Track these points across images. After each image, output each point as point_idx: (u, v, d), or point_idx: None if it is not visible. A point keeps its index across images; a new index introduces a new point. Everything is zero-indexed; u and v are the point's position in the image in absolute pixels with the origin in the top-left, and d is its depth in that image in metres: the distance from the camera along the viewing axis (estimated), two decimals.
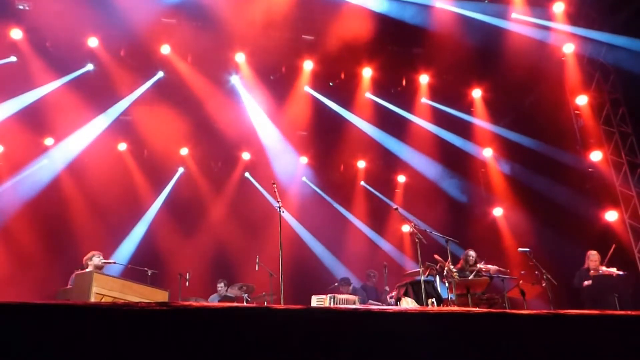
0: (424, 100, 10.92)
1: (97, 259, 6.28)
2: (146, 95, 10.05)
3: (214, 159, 11.42)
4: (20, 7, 8.74)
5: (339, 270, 10.86)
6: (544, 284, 6.63)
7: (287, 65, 10.25)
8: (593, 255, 7.25)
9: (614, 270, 7.02)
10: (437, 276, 6.69)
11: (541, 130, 9.86)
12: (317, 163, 11.81)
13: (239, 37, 9.44)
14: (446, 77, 10.53)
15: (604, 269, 7.10)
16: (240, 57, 9.93)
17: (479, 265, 7.01)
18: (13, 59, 9.16)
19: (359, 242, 11.49)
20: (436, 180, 11.27)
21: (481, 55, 9.52)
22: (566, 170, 9.42)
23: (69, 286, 6.15)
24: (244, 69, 10.14)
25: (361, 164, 12.08)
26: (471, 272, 6.93)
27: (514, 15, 9.14)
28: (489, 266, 7.00)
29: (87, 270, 6.07)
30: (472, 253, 7.20)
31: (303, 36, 9.79)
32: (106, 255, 6.73)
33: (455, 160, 11.33)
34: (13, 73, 9.13)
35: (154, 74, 10.05)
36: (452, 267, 6.52)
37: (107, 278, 5.36)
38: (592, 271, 7.16)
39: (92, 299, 4.95)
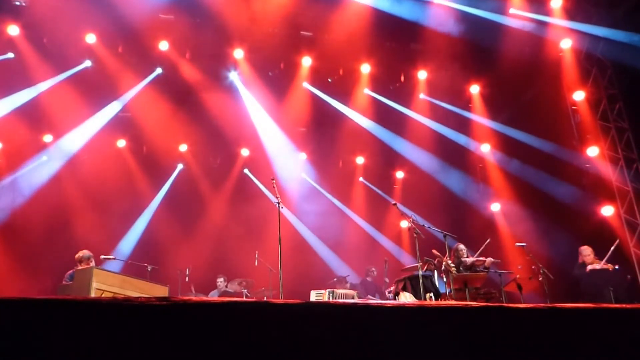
0: (422, 96, 10.93)
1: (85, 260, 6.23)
2: (145, 92, 10.03)
3: (213, 155, 11.43)
4: (17, 2, 8.71)
5: (338, 265, 10.90)
6: (540, 278, 6.69)
7: (286, 62, 10.24)
8: (585, 250, 7.30)
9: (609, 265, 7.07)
10: (435, 271, 6.73)
11: (538, 126, 9.89)
12: (316, 159, 11.82)
13: (237, 33, 9.43)
14: (444, 73, 10.53)
15: (597, 266, 7.14)
16: (238, 53, 9.92)
17: (473, 258, 7.05)
18: (10, 55, 9.13)
19: (357, 237, 11.52)
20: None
21: (479, 51, 9.53)
22: (563, 165, 9.47)
23: (63, 283, 6.18)
24: (242, 65, 10.13)
25: (360, 160, 12.10)
26: (464, 266, 6.96)
27: (512, 10, 9.14)
28: (485, 259, 7.03)
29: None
30: (462, 246, 7.25)
31: (301, 32, 9.78)
32: (106, 251, 6.77)
33: (453, 156, 11.36)
34: (10, 69, 9.11)
35: (153, 71, 10.03)
36: (449, 262, 6.56)
37: (107, 274, 5.39)
38: (589, 266, 7.20)
39: (93, 295, 4.98)
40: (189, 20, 9.20)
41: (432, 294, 6.20)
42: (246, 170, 11.53)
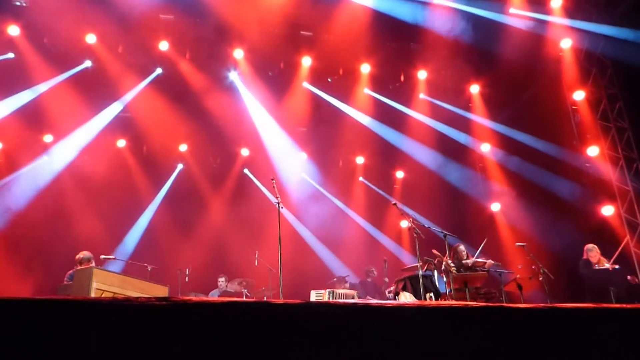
0: (422, 96, 10.94)
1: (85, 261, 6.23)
2: (145, 92, 10.04)
3: (213, 155, 11.43)
4: (17, 3, 8.72)
5: (338, 265, 10.90)
6: (541, 278, 6.68)
7: (286, 61, 10.26)
8: (591, 250, 7.26)
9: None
10: (435, 271, 6.72)
11: (539, 126, 9.89)
12: (316, 159, 11.82)
13: (237, 33, 9.44)
14: (444, 72, 10.54)
15: (605, 265, 7.12)
16: (238, 53, 9.92)
17: (473, 259, 7.05)
18: (11, 55, 9.14)
19: (357, 237, 11.51)
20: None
21: (479, 51, 9.53)
22: (563, 165, 9.47)
23: (64, 283, 6.17)
24: (242, 65, 10.13)
25: (360, 160, 12.10)
26: (464, 268, 6.96)
27: (511, 10, 9.15)
28: (485, 260, 7.02)
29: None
30: (462, 248, 7.26)
31: (301, 32, 9.80)
32: (107, 252, 6.75)
33: (453, 155, 11.36)
34: (11, 70, 9.11)
35: (153, 71, 10.05)
36: (449, 261, 6.55)
37: (107, 274, 5.38)
38: (595, 265, 7.17)
39: (93, 295, 4.98)
40: (189, 20, 9.21)
41: (432, 294, 6.20)
42: (246, 170, 11.53)
